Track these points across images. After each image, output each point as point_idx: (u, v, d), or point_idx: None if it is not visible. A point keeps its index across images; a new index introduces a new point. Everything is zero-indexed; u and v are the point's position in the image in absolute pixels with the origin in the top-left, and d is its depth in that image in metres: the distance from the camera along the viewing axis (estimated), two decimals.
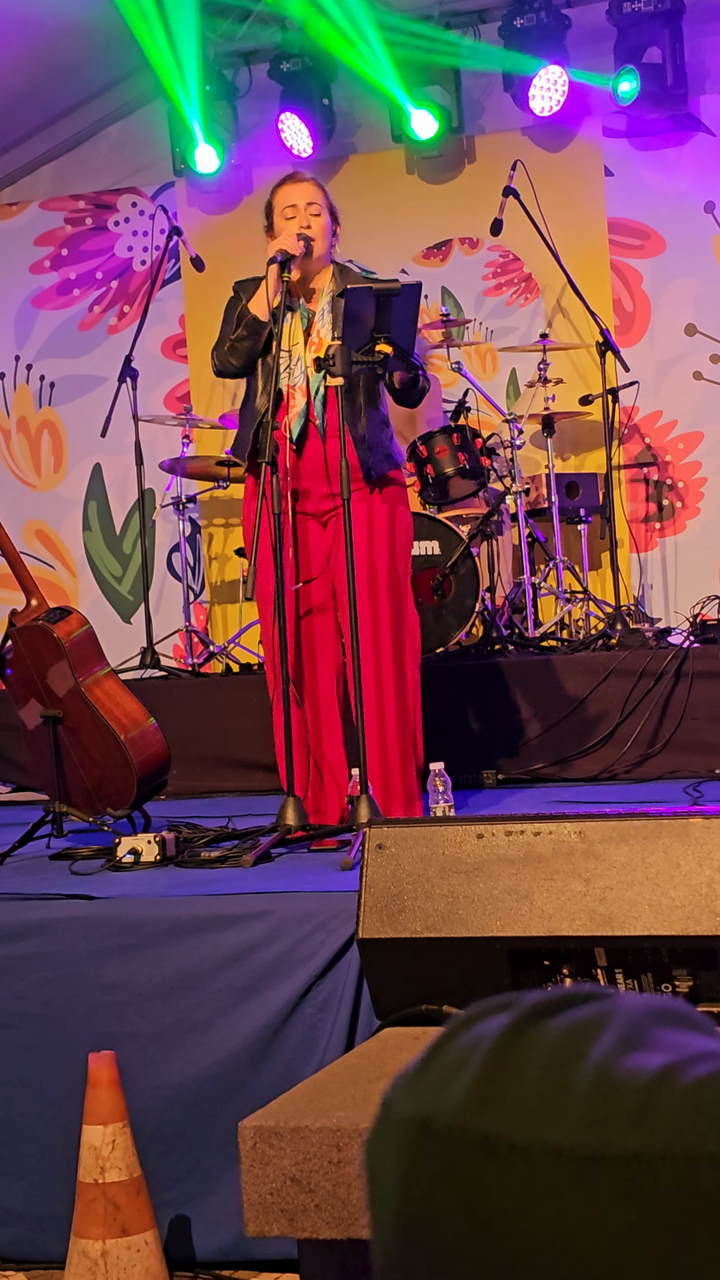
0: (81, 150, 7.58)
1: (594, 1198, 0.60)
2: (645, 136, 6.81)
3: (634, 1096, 0.60)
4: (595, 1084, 0.61)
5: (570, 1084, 0.61)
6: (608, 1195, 0.60)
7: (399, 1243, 0.64)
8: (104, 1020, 3.17)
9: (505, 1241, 0.61)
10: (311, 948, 3.10)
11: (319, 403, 4.08)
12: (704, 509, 6.81)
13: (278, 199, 4.19)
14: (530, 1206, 0.61)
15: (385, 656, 4.11)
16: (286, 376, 4.09)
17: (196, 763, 5.41)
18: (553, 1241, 0.60)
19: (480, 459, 5.89)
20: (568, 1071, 0.62)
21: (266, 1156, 2.30)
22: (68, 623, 4.35)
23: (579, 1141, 0.60)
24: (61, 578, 7.61)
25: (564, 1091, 0.61)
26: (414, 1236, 0.63)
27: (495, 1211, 0.61)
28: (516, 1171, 0.61)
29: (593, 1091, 0.61)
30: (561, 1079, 0.62)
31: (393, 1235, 0.64)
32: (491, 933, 2.65)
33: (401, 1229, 0.64)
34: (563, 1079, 0.62)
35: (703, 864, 2.58)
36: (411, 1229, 0.63)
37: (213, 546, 7.43)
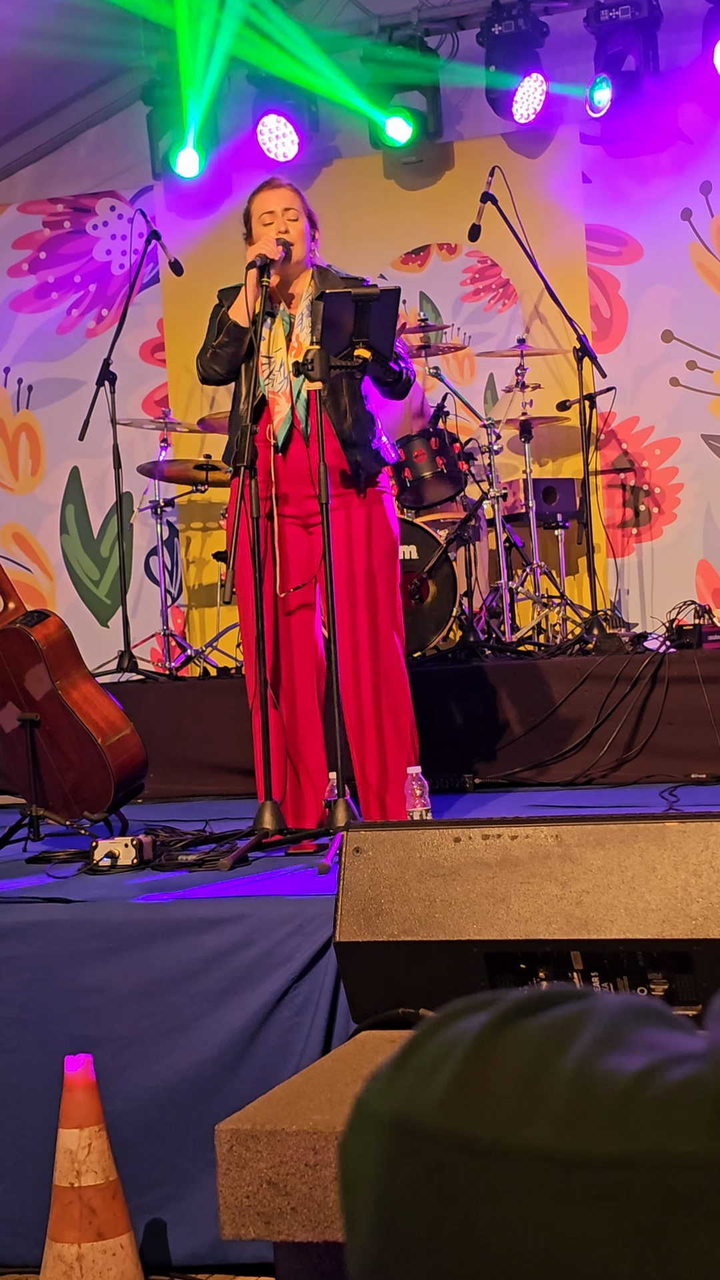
0: (60, 154, 7.57)
1: (571, 1199, 0.60)
2: (623, 143, 6.84)
3: (612, 1098, 0.60)
4: (574, 1084, 0.61)
5: (549, 1084, 0.62)
6: (585, 1196, 0.60)
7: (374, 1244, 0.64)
8: (80, 1023, 3.17)
9: (482, 1242, 0.61)
10: (288, 951, 3.10)
11: (301, 407, 4.08)
12: (680, 514, 6.83)
13: (255, 205, 4.20)
14: (507, 1207, 0.61)
15: (364, 661, 4.12)
16: (269, 382, 4.10)
17: (174, 766, 5.40)
18: (530, 1242, 0.60)
19: (458, 464, 5.90)
20: (546, 1071, 0.62)
21: (243, 1160, 2.30)
22: (45, 626, 4.34)
23: (557, 1142, 0.60)
24: (39, 581, 7.60)
25: (542, 1091, 0.61)
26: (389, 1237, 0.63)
27: (472, 1212, 0.61)
28: (494, 1172, 0.61)
29: (571, 1092, 0.61)
30: (540, 1079, 0.62)
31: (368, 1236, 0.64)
32: (468, 936, 2.66)
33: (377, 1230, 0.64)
34: (541, 1079, 0.62)
35: (678, 868, 2.59)
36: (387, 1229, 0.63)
37: (190, 550, 7.43)
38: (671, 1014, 0.66)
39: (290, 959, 3.09)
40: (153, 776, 4.58)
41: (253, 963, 3.11)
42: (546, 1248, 0.60)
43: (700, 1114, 0.58)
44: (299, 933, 3.11)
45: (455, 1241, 0.61)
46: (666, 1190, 0.58)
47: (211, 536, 7.33)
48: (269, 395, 4.10)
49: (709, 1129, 0.58)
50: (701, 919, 2.55)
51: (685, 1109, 0.59)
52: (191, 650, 6.48)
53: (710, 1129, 0.58)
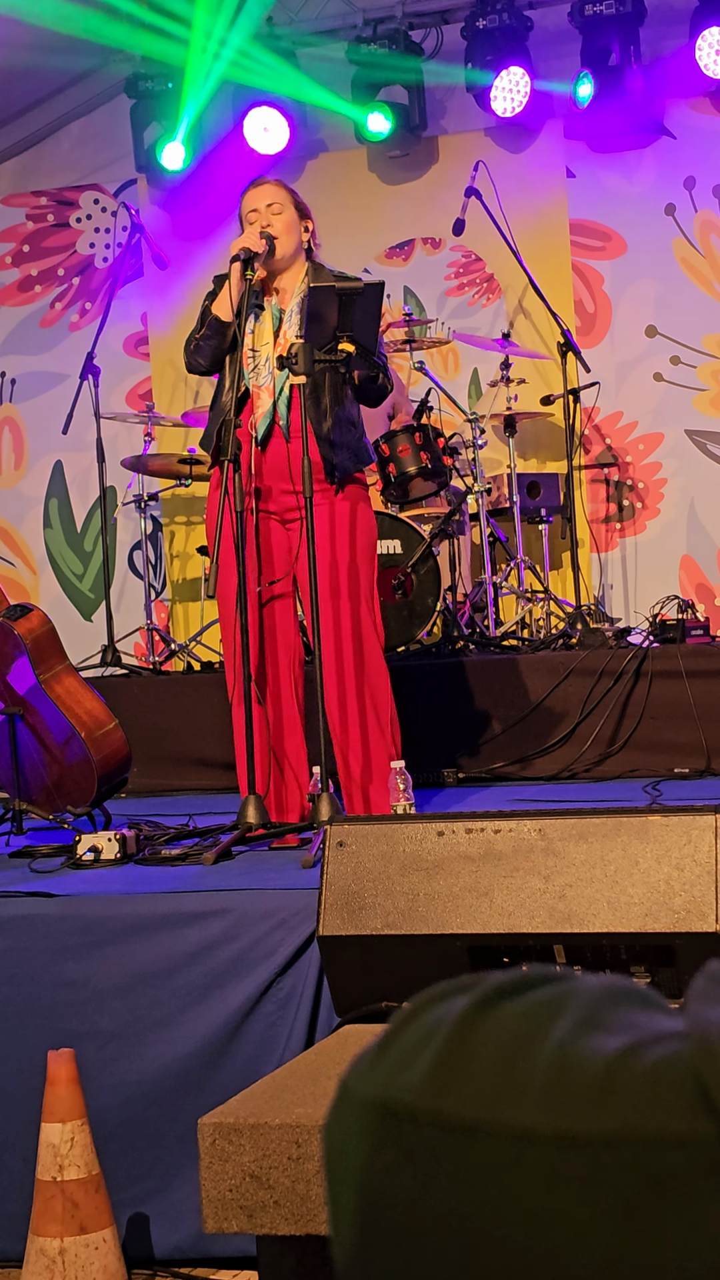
0: (44, 146, 7.55)
1: (553, 1179, 0.60)
2: (607, 138, 6.84)
3: (593, 1078, 0.61)
4: (555, 1065, 0.61)
5: (530, 1065, 0.62)
6: (566, 1177, 0.60)
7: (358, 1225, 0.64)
8: (63, 1018, 3.16)
9: (464, 1222, 0.61)
10: (272, 945, 3.11)
11: (283, 402, 4.08)
12: (664, 509, 6.85)
13: (243, 206, 4.21)
14: (489, 1187, 0.61)
15: (347, 656, 4.12)
16: (254, 376, 4.09)
17: (157, 761, 5.39)
18: (512, 1222, 0.60)
19: (442, 458, 5.90)
20: (527, 1053, 0.62)
21: (226, 1153, 2.30)
22: (28, 620, 4.33)
23: (539, 1122, 0.60)
24: (22, 575, 7.58)
25: (523, 1073, 0.62)
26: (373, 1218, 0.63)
27: (454, 1193, 0.61)
28: (476, 1152, 0.61)
29: (552, 1072, 0.61)
30: (521, 1060, 0.62)
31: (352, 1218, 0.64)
32: (451, 930, 2.66)
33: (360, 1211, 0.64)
34: (522, 1060, 0.62)
35: (661, 861, 2.60)
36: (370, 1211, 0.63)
37: (174, 544, 7.42)
38: (652, 995, 0.66)
39: (274, 953, 3.09)
40: (136, 771, 4.58)
41: (236, 957, 3.11)
42: (528, 1228, 0.60)
43: (680, 1093, 0.59)
44: (282, 926, 3.11)
45: (438, 1222, 0.62)
46: (647, 1169, 0.59)
47: (195, 531, 7.32)
48: (253, 389, 4.09)
49: (688, 1108, 0.58)
50: (684, 913, 2.56)
51: (665, 1088, 0.59)
52: (175, 644, 6.47)
53: (690, 1108, 0.58)
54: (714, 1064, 0.58)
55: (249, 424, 4.09)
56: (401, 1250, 0.62)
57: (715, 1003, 0.61)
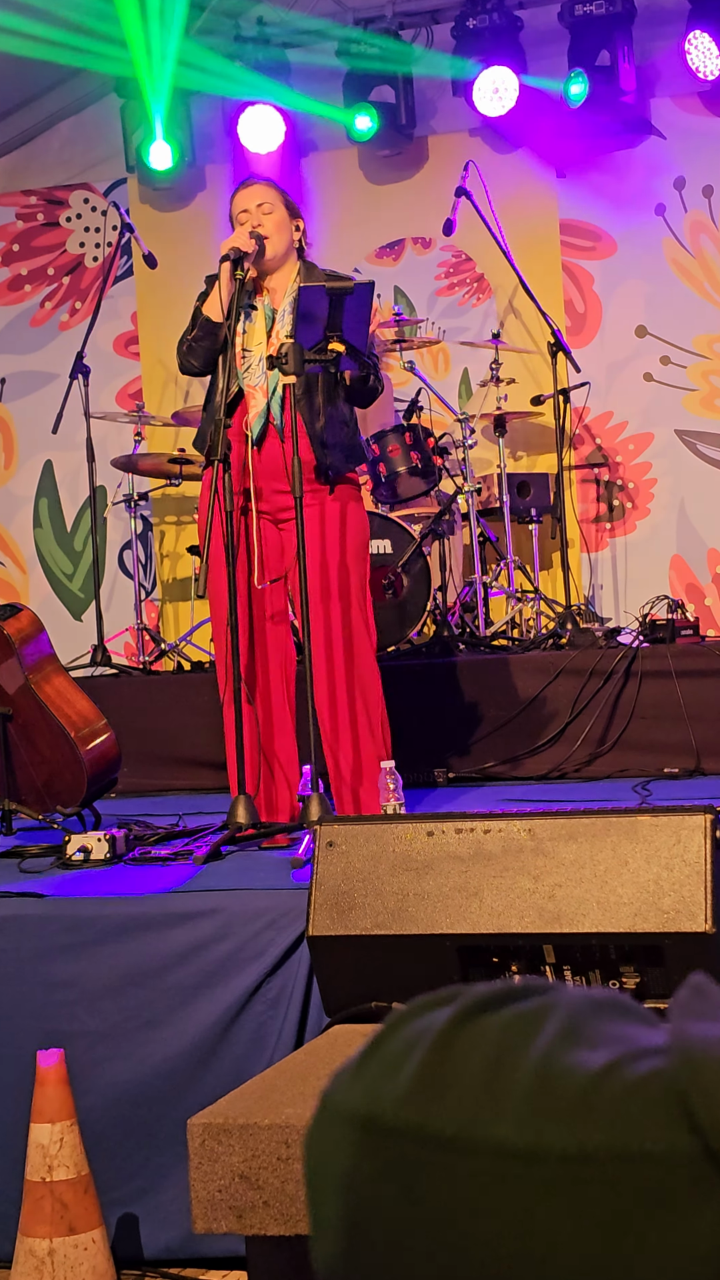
0: (33, 146, 7.54)
1: (534, 1192, 0.60)
2: (597, 139, 6.85)
3: (574, 1092, 0.61)
4: (536, 1079, 0.61)
5: (512, 1079, 0.62)
6: (547, 1191, 0.60)
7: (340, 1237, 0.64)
8: (53, 1018, 3.16)
9: (446, 1235, 0.61)
10: (261, 945, 3.11)
11: (276, 402, 4.07)
12: (654, 510, 6.85)
13: (233, 207, 4.20)
14: (471, 1201, 0.61)
15: (337, 656, 4.12)
16: (247, 376, 4.09)
17: (147, 761, 5.39)
18: (493, 1235, 0.60)
19: (432, 458, 5.90)
20: (509, 1066, 0.62)
21: (215, 1154, 2.30)
22: (18, 620, 4.33)
23: (519, 1137, 0.60)
24: (12, 575, 7.57)
25: (505, 1086, 0.62)
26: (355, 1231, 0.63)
27: (436, 1206, 0.61)
28: (457, 1166, 0.61)
29: (533, 1087, 0.61)
30: (503, 1073, 0.62)
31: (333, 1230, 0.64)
32: (441, 930, 2.66)
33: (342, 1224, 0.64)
34: (504, 1073, 0.62)
35: (650, 861, 2.60)
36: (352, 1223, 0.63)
37: (164, 544, 7.42)
38: (635, 1006, 0.66)
39: (263, 953, 3.09)
40: (126, 771, 4.58)
41: (226, 957, 3.11)
42: (509, 1241, 0.60)
43: (661, 1109, 0.59)
44: (272, 926, 3.11)
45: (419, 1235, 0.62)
46: (628, 1184, 0.59)
47: (186, 530, 7.31)
48: (246, 389, 4.09)
49: (669, 1124, 0.58)
50: (673, 913, 2.56)
51: (646, 1104, 0.59)
52: (165, 644, 6.47)
53: (671, 1123, 0.58)
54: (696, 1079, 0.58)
55: (243, 424, 4.09)
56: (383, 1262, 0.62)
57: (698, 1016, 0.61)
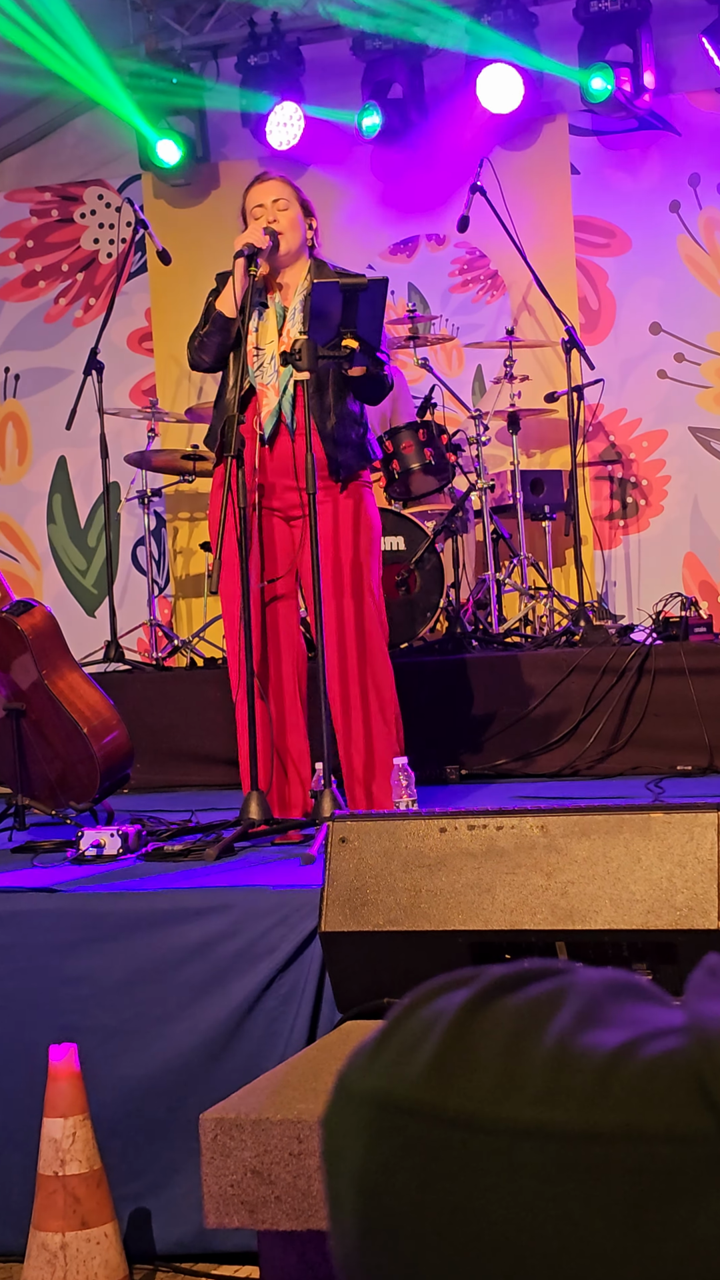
0: (48, 142, 7.55)
1: (551, 1173, 0.60)
2: (611, 135, 6.84)
3: (591, 1073, 0.61)
4: (553, 1060, 0.61)
5: (528, 1060, 0.62)
6: (564, 1172, 0.60)
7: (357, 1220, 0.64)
8: (65, 1013, 3.17)
9: (463, 1217, 0.61)
10: (274, 941, 3.11)
11: (288, 400, 4.07)
12: (667, 507, 6.84)
13: (247, 200, 4.20)
14: (487, 1182, 0.61)
15: (350, 653, 4.12)
16: (259, 374, 4.08)
17: (160, 756, 5.40)
18: (510, 1217, 0.60)
19: (446, 455, 5.90)
20: (526, 1048, 0.62)
21: (227, 1149, 2.31)
22: (31, 615, 4.33)
23: (537, 1117, 0.61)
24: (25, 570, 7.58)
25: (522, 1067, 0.62)
26: (372, 1213, 0.63)
27: (453, 1187, 0.61)
28: (474, 1147, 0.61)
29: (550, 1067, 0.61)
30: (519, 1055, 0.62)
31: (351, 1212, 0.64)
32: (453, 926, 2.66)
33: (359, 1206, 0.64)
34: (521, 1055, 0.62)
35: (663, 858, 2.60)
36: (369, 1206, 0.63)
37: (178, 540, 7.42)
38: (651, 988, 0.66)
39: (276, 949, 3.09)
40: (139, 766, 4.58)
41: (238, 953, 3.11)
42: (526, 1222, 0.60)
43: (678, 1089, 0.59)
44: (284, 923, 3.12)
45: (436, 1217, 0.62)
46: (644, 1165, 0.59)
47: (199, 527, 7.32)
48: (258, 386, 4.09)
49: (687, 1104, 0.58)
50: (686, 910, 2.56)
51: (663, 1084, 0.59)
52: (178, 640, 6.47)
53: (688, 1104, 0.58)
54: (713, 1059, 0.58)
55: (254, 422, 4.09)
56: (401, 1244, 0.63)
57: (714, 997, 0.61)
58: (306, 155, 7.01)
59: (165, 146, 7.07)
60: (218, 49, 7.26)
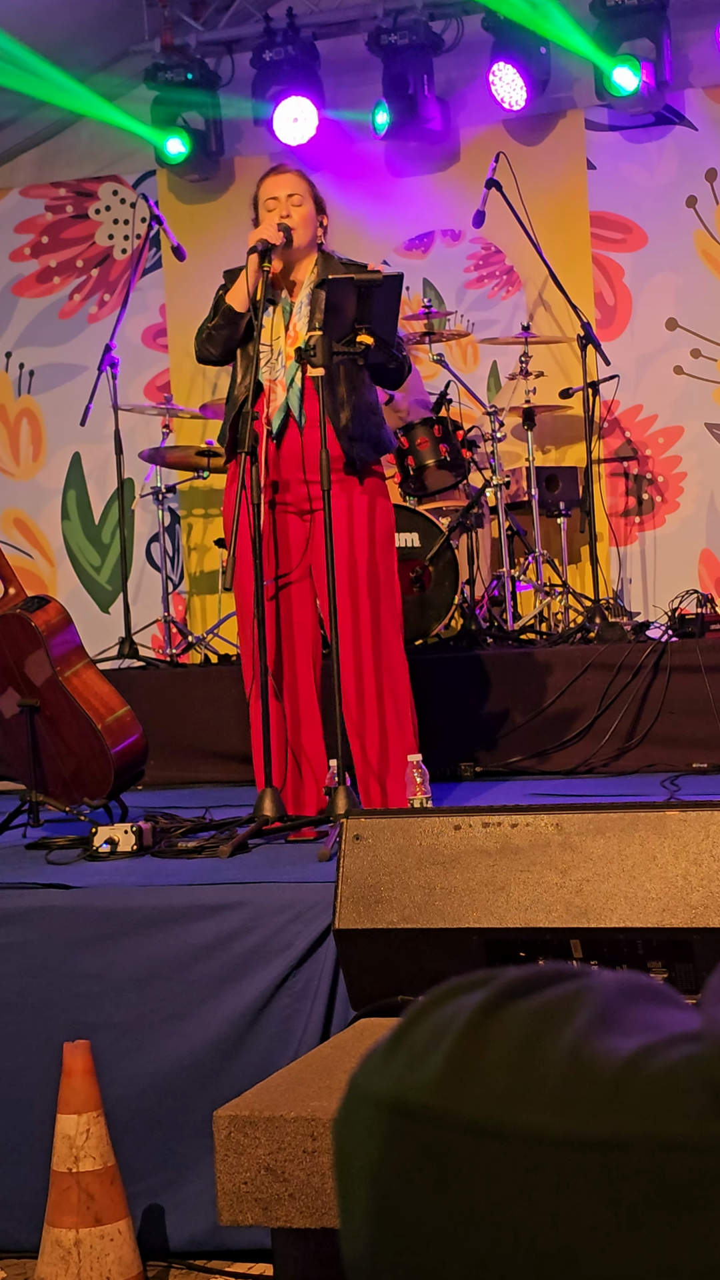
0: (62, 138, 7.55)
1: (564, 1180, 0.60)
2: (628, 130, 6.82)
3: (607, 1079, 0.60)
4: (567, 1066, 0.61)
5: (543, 1065, 0.61)
6: (578, 1178, 0.59)
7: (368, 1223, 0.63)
8: (79, 1010, 3.16)
9: (475, 1222, 0.61)
10: (288, 938, 3.10)
11: (295, 395, 4.06)
12: (683, 503, 6.82)
13: (261, 192, 4.19)
14: (501, 1187, 0.60)
15: (365, 649, 4.11)
16: (267, 370, 4.08)
17: (174, 753, 5.40)
18: (523, 1223, 0.60)
19: (461, 451, 5.89)
20: (540, 1052, 0.62)
21: (241, 1146, 2.30)
22: (46, 612, 4.33)
23: (550, 1124, 0.60)
24: (40, 567, 7.59)
25: (536, 1072, 0.61)
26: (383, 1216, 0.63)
27: (465, 1192, 0.61)
28: (487, 1152, 0.61)
29: (565, 1073, 0.60)
30: (534, 1060, 0.61)
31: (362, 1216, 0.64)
32: (468, 924, 2.65)
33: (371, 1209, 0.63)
34: (535, 1060, 0.61)
35: (679, 856, 2.59)
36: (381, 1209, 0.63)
37: (192, 537, 7.42)
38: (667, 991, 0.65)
39: (289, 946, 3.09)
40: (153, 763, 4.58)
41: (252, 950, 3.11)
42: (539, 1228, 0.59)
43: (695, 1097, 0.58)
44: (298, 920, 3.11)
45: (448, 1221, 0.61)
46: (659, 1173, 0.58)
47: (213, 523, 7.32)
48: (265, 383, 4.08)
49: (703, 1112, 0.57)
50: (701, 908, 2.55)
51: (680, 1092, 0.58)
52: (192, 637, 6.47)
53: (705, 1112, 0.57)
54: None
55: (263, 417, 4.08)
56: (412, 1249, 0.62)
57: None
58: (321, 150, 7.00)
59: (172, 143, 7.06)
60: (233, 44, 7.25)
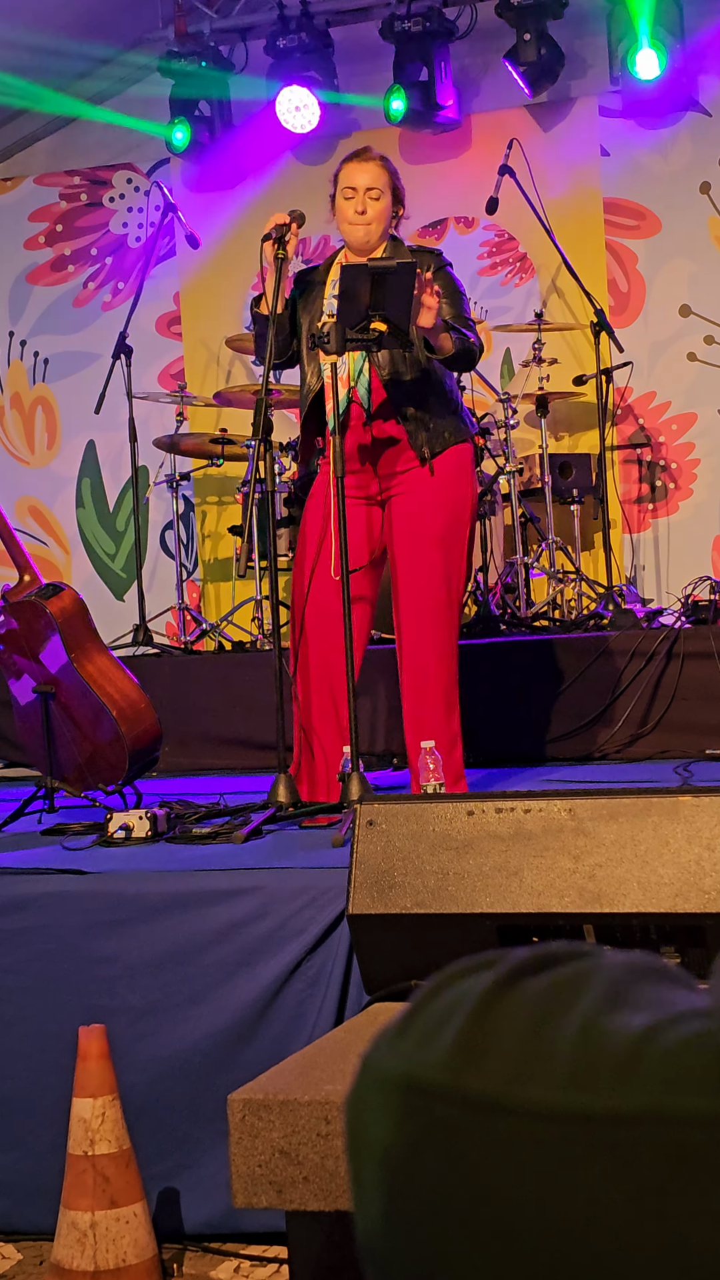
0: (77, 125, 7.55)
1: (575, 1157, 0.60)
2: (641, 116, 6.80)
3: (617, 1055, 0.61)
4: (578, 1042, 0.61)
5: (553, 1042, 0.62)
6: (589, 1154, 0.60)
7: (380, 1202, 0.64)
8: (94, 994, 3.18)
9: (486, 1199, 0.61)
10: (302, 923, 3.11)
11: (363, 387, 4.05)
12: (696, 490, 6.81)
13: (342, 175, 4.12)
14: (511, 1164, 0.61)
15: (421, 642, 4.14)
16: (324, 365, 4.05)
17: (188, 740, 5.41)
18: (534, 1199, 0.60)
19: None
20: (550, 1030, 0.62)
21: (255, 1129, 2.31)
22: (60, 599, 4.35)
23: (561, 1100, 0.60)
24: (55, 554, 7.60)
25: (546, 1050, 0.62)
26: (395, 1195, 0.63)
27: (476, 1169, 0.61)
28: (498, 1130, 0.61)
29: (575, 1050, 0.61)
30: (544, 1037, 0.62)
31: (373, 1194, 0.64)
32: (481, 909, 2.66)
33: (382, 1188, 0.64)
34: (545, 1037, 0.62)
35: (691, 841, 2.59)
36: (392, 1187, 0.64)
37: (206, 524, 7.43)
38: (676, 971, 0.66)
39: (303, 931, 3.10)
40: (167, 749, 4.60)
41: (266, 934, 3.12)
42: (550, 1205, 0.60)
43: (706, 1072, 0.59)
44: (312, 905, 3.12)
45: (460, 1199, 0.62)
46: (670, 1148, 0.58)
47: (227, 511, 7.32)
48: (325, 379, 4.05)
49: (714, 1087, 0.58)
50: (714, 893, 2.55)
51: (690, 1067, 0.59)
52: (206, 624, 6.49)
53: (714, 1086, 0.58)
54: None
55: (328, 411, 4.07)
56: (424, 1226, 0.63)
57: None
58: (333, 137, 6.99)
59: (177, 135, 7.05)
60: (246, 32, 7.24)
